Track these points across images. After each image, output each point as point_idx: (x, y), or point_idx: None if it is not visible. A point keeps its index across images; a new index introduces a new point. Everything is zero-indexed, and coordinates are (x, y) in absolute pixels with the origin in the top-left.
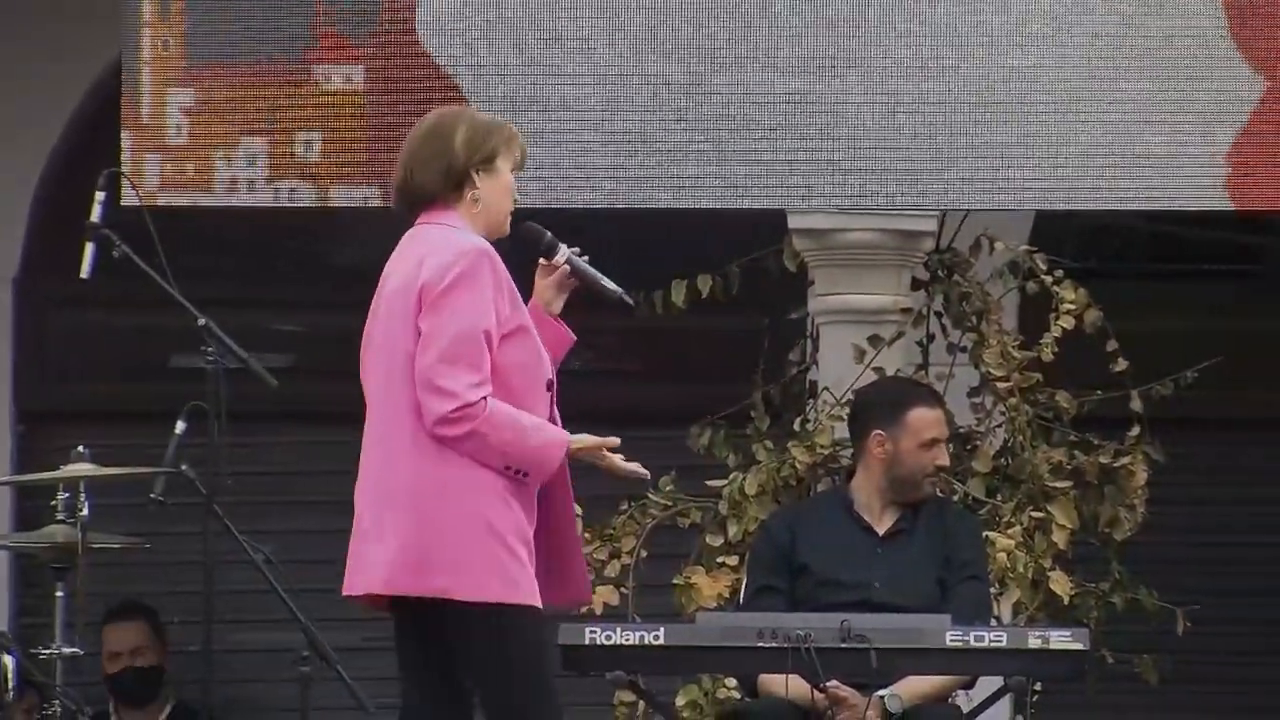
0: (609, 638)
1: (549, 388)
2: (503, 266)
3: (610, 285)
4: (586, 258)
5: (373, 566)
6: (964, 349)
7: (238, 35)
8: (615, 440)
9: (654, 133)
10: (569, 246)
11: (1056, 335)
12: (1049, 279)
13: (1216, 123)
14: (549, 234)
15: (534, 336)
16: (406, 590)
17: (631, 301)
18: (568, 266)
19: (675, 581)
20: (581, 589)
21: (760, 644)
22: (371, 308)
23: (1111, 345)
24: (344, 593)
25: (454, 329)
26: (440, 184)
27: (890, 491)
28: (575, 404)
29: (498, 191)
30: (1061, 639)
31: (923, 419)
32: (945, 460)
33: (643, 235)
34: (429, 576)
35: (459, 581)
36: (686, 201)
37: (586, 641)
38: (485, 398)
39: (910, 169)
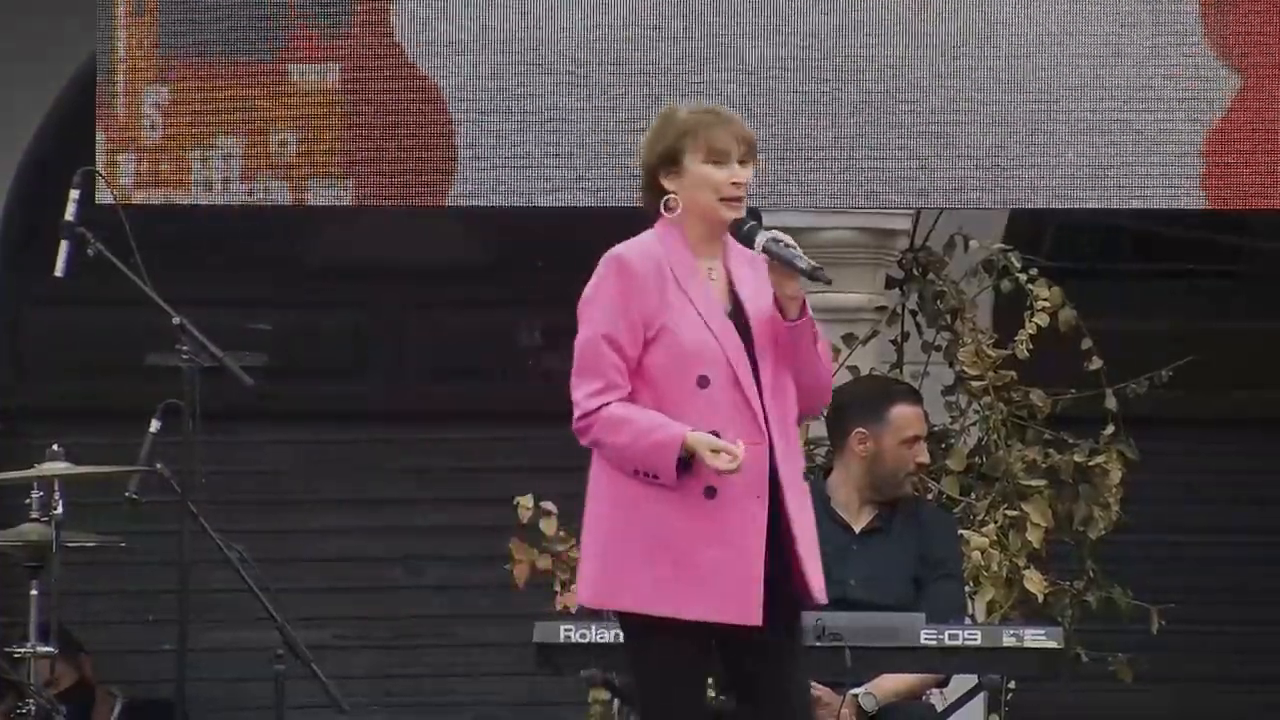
0: (584, 636)
1: (703, 384)
2: (649, 269)
3: (802, 263)
4: (783, 241)
5: None
6: (938, 347)
7: (212, 34)
8: (725, 453)
9: (629, 132)
10: (766, 230)
11: (1031, 333)
12: (1023, 277)
13: (1191, 120)
14: (749, 223)
15: (677, 336)
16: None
17: (826, 277)
18: (766, 256)
19: None
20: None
21: None
22: None
23: (1086, 344)
24: None
25: (579, 341)
26: (644, 196)
27: (871, 489)
28: (552, 401)
29: (691, 188)
30: (1036, 637)
31: (904, 416)
32: (926, 458)
33: (619, 232)
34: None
35: (580, 588)
36: None
37: (561, 640)
38: (604, 405)
39: (886, 168)
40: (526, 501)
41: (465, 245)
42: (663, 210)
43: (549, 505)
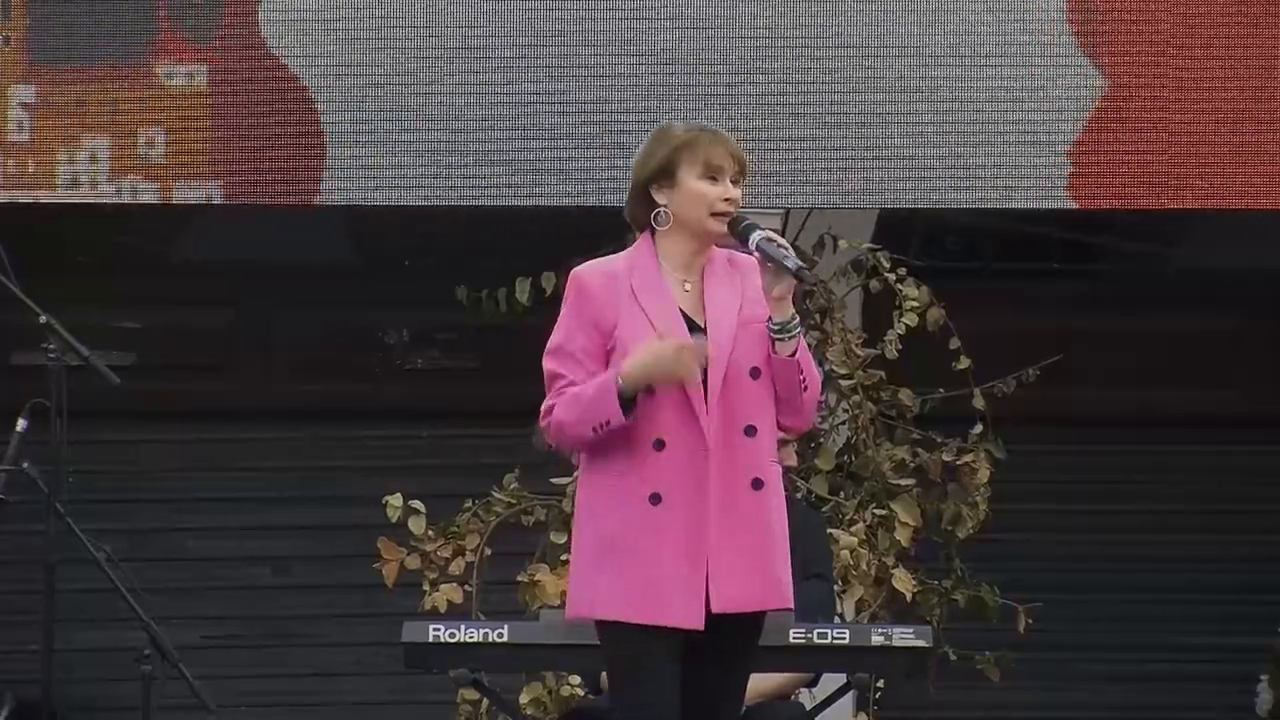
0: (453, 635)
1: (649, 392)
2: (603, 285)
3: (790, 262)
4: (775, 241)
5: None
6: (808, 346)
7: (80, 33)
8: (662, 352)
9: (501, 131)
10: (761, 230)
11: (900, 333)
12: (892, 277)
13: (1058, 121)
14: (746, 221)
15: (628, 347)
16: None
17: (812, 278)
18: (758, 254)
19: (519, 579)
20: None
21: None
22: None
23: (954, 343)
24: None
25: (544, 357)
26: (631, 207)
27: None
28: (421, 401)
29: (682, 203)
30: (904, 636)
31: None
32: (793, 460)
33: (487, 233)
34: None
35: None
36: (529, 200)
37: (430, 639)
38: (557, 399)
39: (755, 168)
40: (395, 500)
41: (333, 244)
42: (653, 223)
43: (417, 504)
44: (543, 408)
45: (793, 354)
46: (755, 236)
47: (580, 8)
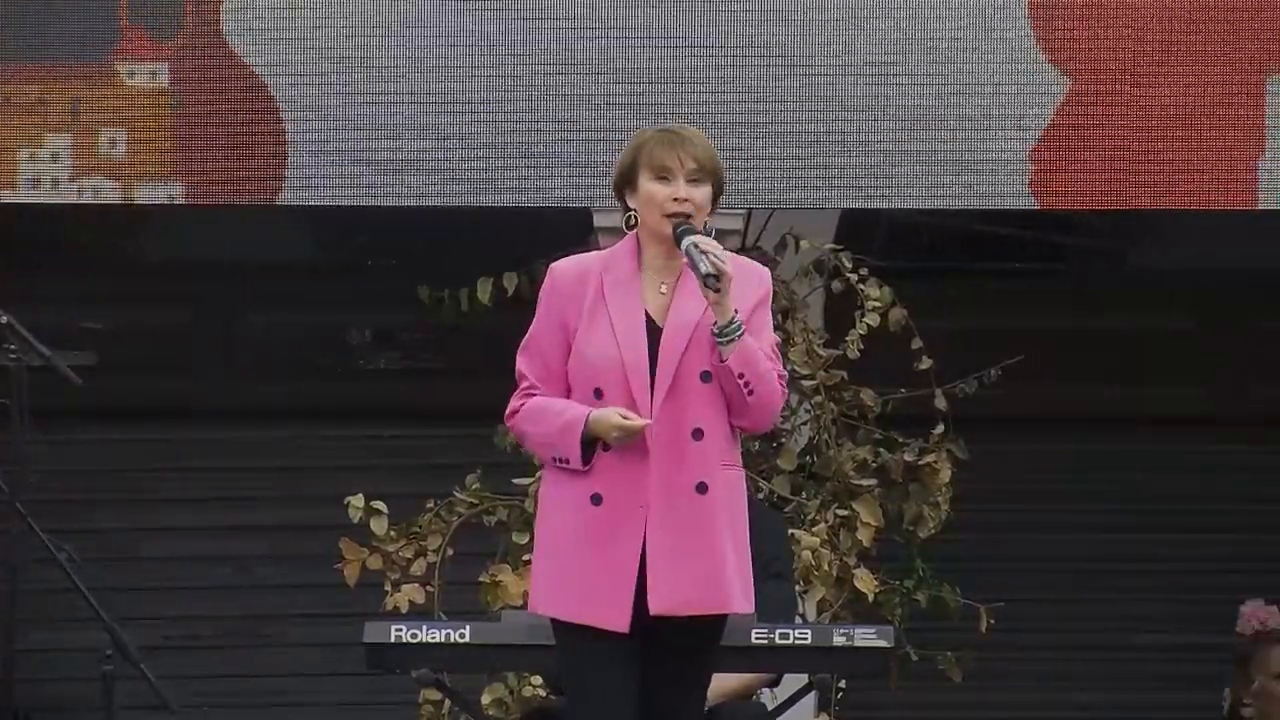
0: (414, 635)
1: (598, 395)
2: (573, 280)
3: (702, 266)
4: (700, 246)
5: None
6: None
7: (41, 32)
8: (636, 423)
9: (463, 131)
10: (692, 235)
11: (861, 333)
12: (854, 277)
13: (1021, 122)
14: (683, 226)
15: (583, 346)
16: None
17: (715, 286)
18: (685, 258)
19: (481, 579)
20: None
21: None
22: None
23: (916, 343)
24: None
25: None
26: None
27: None
28: (383, 401)
29: (642, 204)
30: (866, 637)
31: None
32: None
33: (450, 234)
34: None
35: None
36: (492, 200)
37: (392, 639)
38: (524, 402)
39: None
40: (357, 501)
41: (297, 244)
42: (625, 228)
43: (379, 504)
44: (509, 406)
45: (726, 359)
46: (685, 241)
47: (542, 21)
